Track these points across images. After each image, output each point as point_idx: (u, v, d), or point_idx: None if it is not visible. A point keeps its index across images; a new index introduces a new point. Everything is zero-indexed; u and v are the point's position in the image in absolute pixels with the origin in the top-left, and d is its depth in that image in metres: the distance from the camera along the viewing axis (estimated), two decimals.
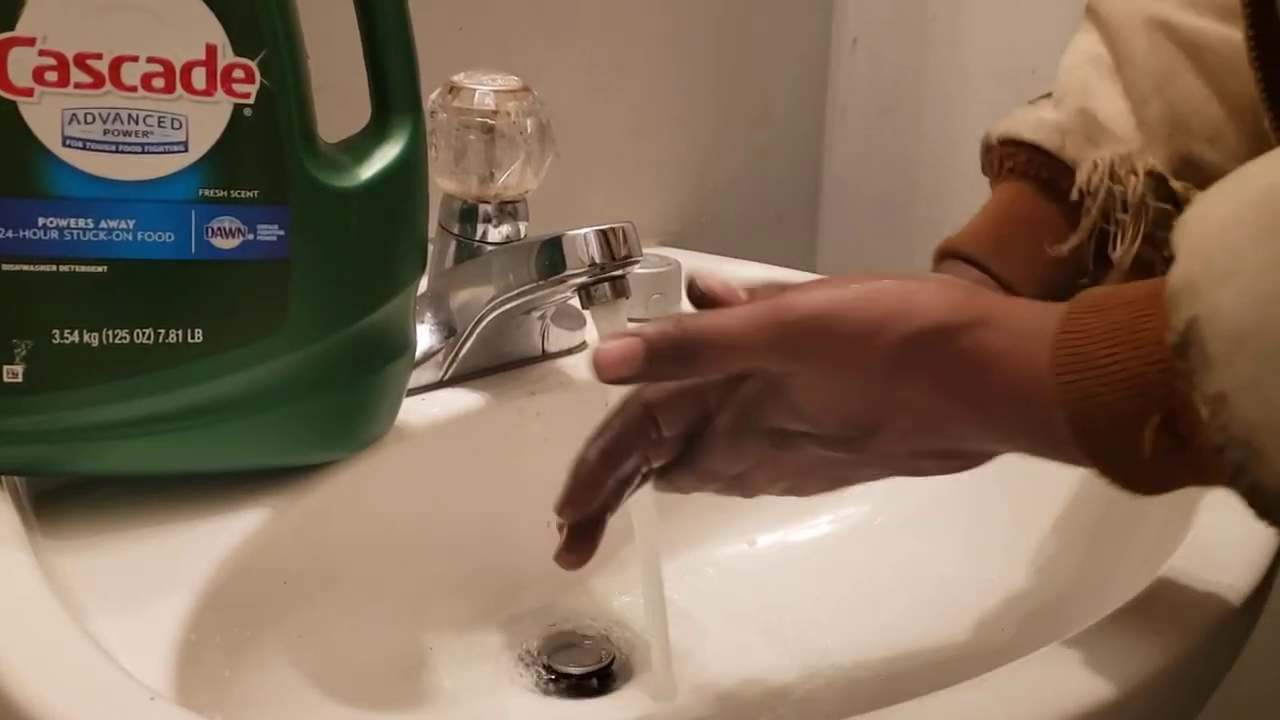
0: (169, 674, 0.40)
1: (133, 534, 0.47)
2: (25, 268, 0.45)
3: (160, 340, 0.46)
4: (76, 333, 0.46)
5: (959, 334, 0.36)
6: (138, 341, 0.46)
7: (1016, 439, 0.36)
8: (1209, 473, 0.31)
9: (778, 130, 1.00)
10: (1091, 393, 0.32)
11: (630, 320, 0.59)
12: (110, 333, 0.46)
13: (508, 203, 0.62)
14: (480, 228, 0.62)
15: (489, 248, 0.62)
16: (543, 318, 0.65)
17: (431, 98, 0.61)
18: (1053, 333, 0.34)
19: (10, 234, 0.44)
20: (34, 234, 0.44)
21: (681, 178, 0.92)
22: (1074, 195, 0.49)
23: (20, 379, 0.45)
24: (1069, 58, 0.53)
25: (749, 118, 0.96)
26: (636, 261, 0.56)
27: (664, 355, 0.40)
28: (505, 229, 0.62)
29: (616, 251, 0.55)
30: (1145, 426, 0.31)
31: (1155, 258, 0.48)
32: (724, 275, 0.45)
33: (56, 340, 0.45)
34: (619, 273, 0.56)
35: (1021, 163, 0.51)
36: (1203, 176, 0.47)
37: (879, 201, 1.02)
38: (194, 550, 0.46)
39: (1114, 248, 0.48)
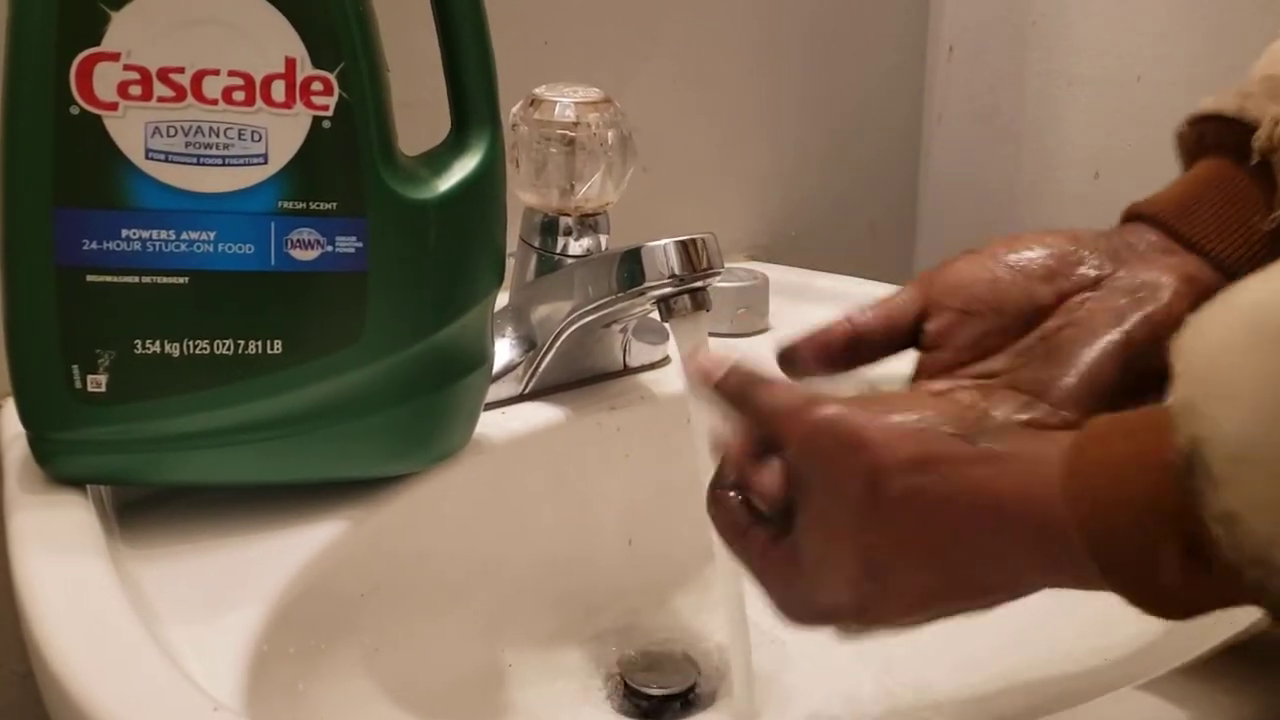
0: (240, 684, 0.40)
1: (211, 544, 0.48)
2: (109, 279, 0.45)
3: (240, 351, 0.47)
4: (158, 343, 0.46)
5: (962, 467, 0.36)
6: (218, 352, 0.47)
7: (1037, 571, 0.35)
8: (1236, 594, 0.31)
9: (872, 140, 0.98)
10: (1106, 522, 0.32)
11: (712, 335, 0.58)
12: (191, 343, 0.46)
13: (588, 215, 0.61)
14: (561, 241, 0.61)
15: (569, 261, 0.61)
16: (624, 331, 0.64)
17: (513, 111, 0.61)
18: (1061, 466, 0.33)
19: (95, 245, 0.45)
20: (117, 245, 0.45)
21: (770, 190, 0.91)
22: (1258, 151, 0.46)
23: (104, 389, 0.46)
24: (1266, 55, 0.49)
25: (842, 128, 0.95)
26: (717, 273, 0.55)
27: (725, 391, 0.42)
28: (586, 242, 0.62)
29: (697, 263, 0.55)
30: (1163, 554, 0.31)
31: None
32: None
33: (139, 351, 0.46)
34: (699, 285, 0.55)
35: (1212, 136, 0.48)
36: None
37: (977, 212, 1.00)
38: (270, 561, 0.46)
39: None
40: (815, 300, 0.78)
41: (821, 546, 0.38)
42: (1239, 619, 0.40)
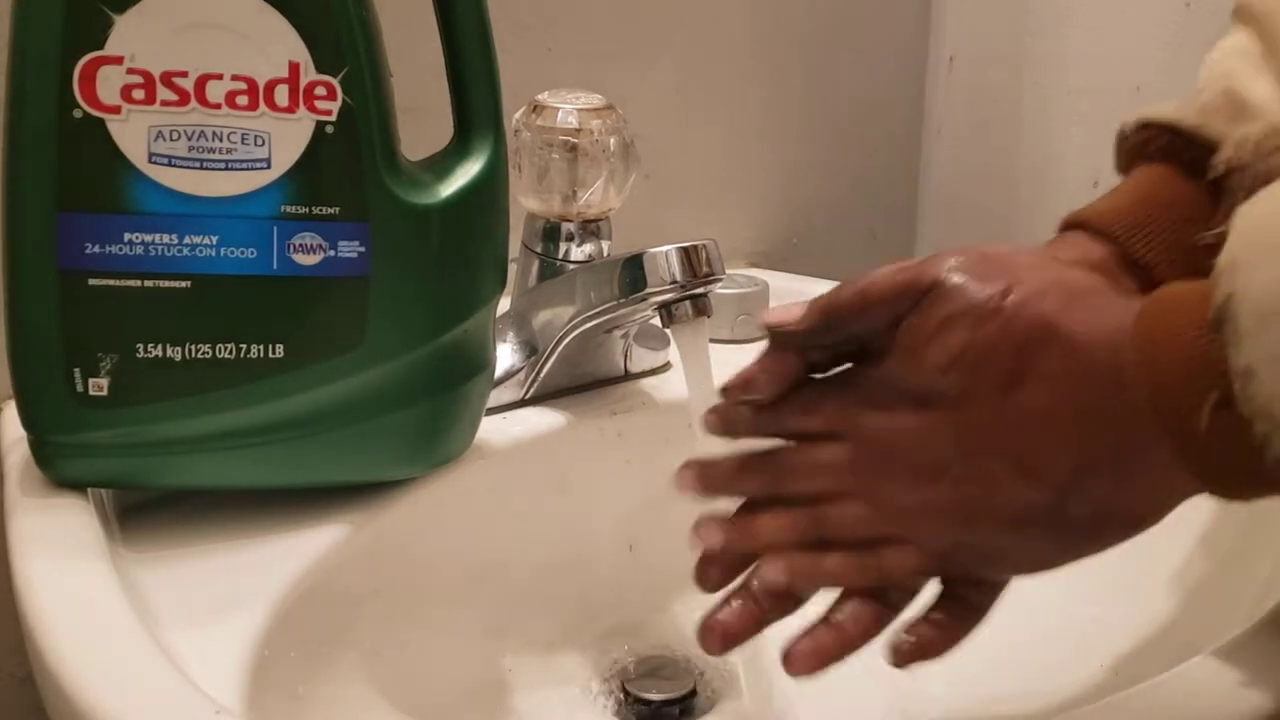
0: (241, 688, 0.40)
1: (212, 548, 0.48)
2: (111, 282, 0.45)
3: (242, 355, 0.47)
4: (160, 347, 0.46)
5: (1076, 294, 0.37)
6: (220, 356, 0.47)
7: (1115, 421, 0.35)
8: (1258, 460, 0.31)
9: (872, 148, 0.98)
10: (1161, 370, 0.33)
11: (713, 341, 0.58)
12: (193, 347, 0.46)
13: (590, 221, 0.61)
14: (563, 246, 0.62)
15: (571, 266, 0.61)
16: (625, 337, 0.64)
17: (516, 117, 0.61)
18: (1134, 314, 0.35)
19: (97, 249, 0.45)
20: (120, 249, 0.45)
21: (771, 197, 0.91)
22: (1216, 171, 0.46)
23: (105, 392, 0.46)
24: (1213, 54, 0.50)
25: (842, 136, 0.95)
26: (718, 279, 0.55)
27: (820, 316, 0.41)
28: (588, 248, 0.62)
29: (698, 269, 0.55)
30: (1204, 401, 0.32)
31: None
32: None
33: (140, 354, 0.46)
34: (701, 291, 0.55)
35: (1162, 145, 0.49)
36: None
37: (977, 221, 1.00)
38: (271, 565, 0.46)
39: None
40: None
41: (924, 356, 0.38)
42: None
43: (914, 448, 0.40)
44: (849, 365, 0.43)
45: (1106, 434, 0.36)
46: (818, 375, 0.44)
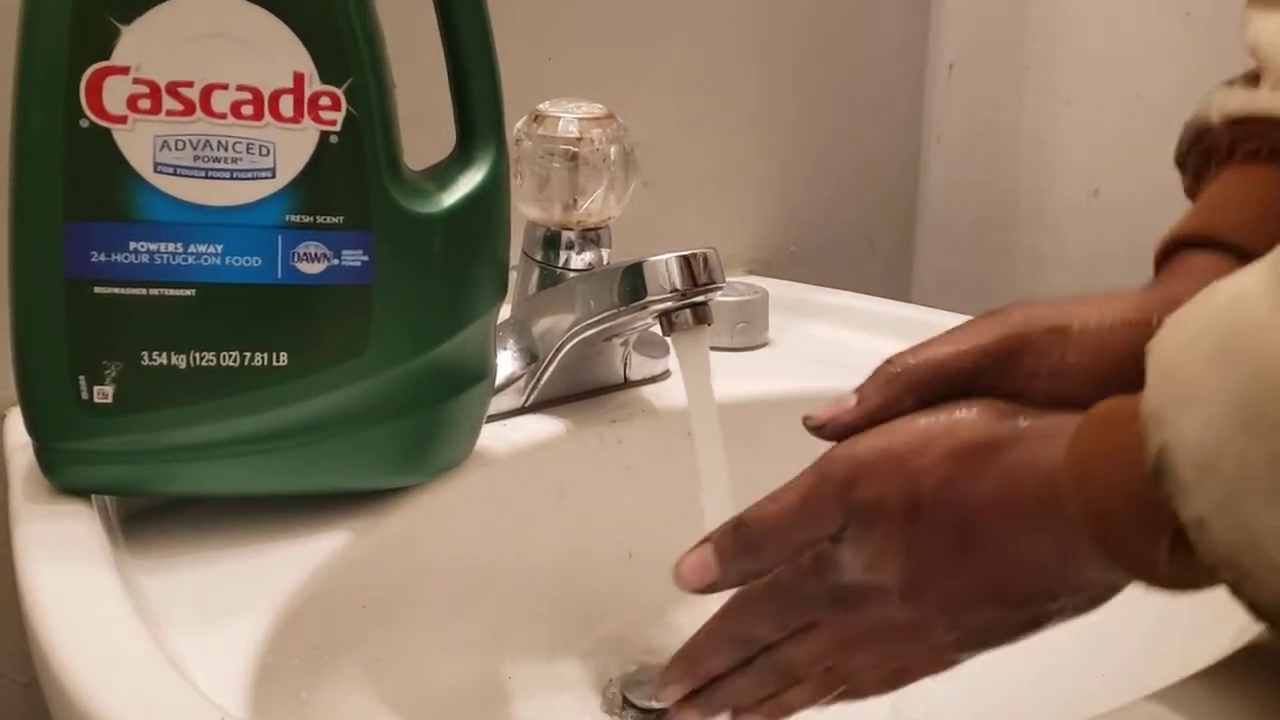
0: (244, 694, 0.40)
1: (215, 555, 0.48)
2: (116, 290, 0.46)
3: (246, 363, 0.47)
4: (165, 355, 0.46)
5: (996, 449, 0.36)
6: (224, 364, 0.47)
7: (1051, 556, 0.36)
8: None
9: (871, 157, 0.98)
10: (1107, 508, 0.33)
11: (713, 349, 0.58)
12: (198, 355, 0.47)
13: (591, 230, 0.62)
14: (563, 255, 0.62)
15: (571, 274, 0.62)
16: (625, 345, 0.64)
17: (516, 126, 0.61)
18: (1064, 446, 0.34)
19: (103, 257, 0.45)
20: (125, 258, 0.45)
21: (770, 205, 0.91)
22: None
23: (110, 400, 0.46)
24: (1267, 35, 0.46)
25: (842, 144, 0.95)
26: (719, 288, 0.56)
27: (731, 553, 0.41)
28: (588, 256, 0.62)
29: (698, 277, 0.55)
30: (1159, 542, 0.31)
31: None
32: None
33: (145, 362, 0.46)
34: (701, 299, 0.56)
35: (1247, 138, 0.45)
36: None
37: (976, 228, 1.01)
38: (274, 572, 0.47)
39: None
40: (815, 315, 0.79)
41: (867, 557, 0.38)
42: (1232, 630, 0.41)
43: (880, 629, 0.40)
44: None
45: (1056, 584, 0.36)
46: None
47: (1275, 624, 0.31)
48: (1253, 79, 0.46)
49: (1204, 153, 0.46)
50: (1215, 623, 0.48)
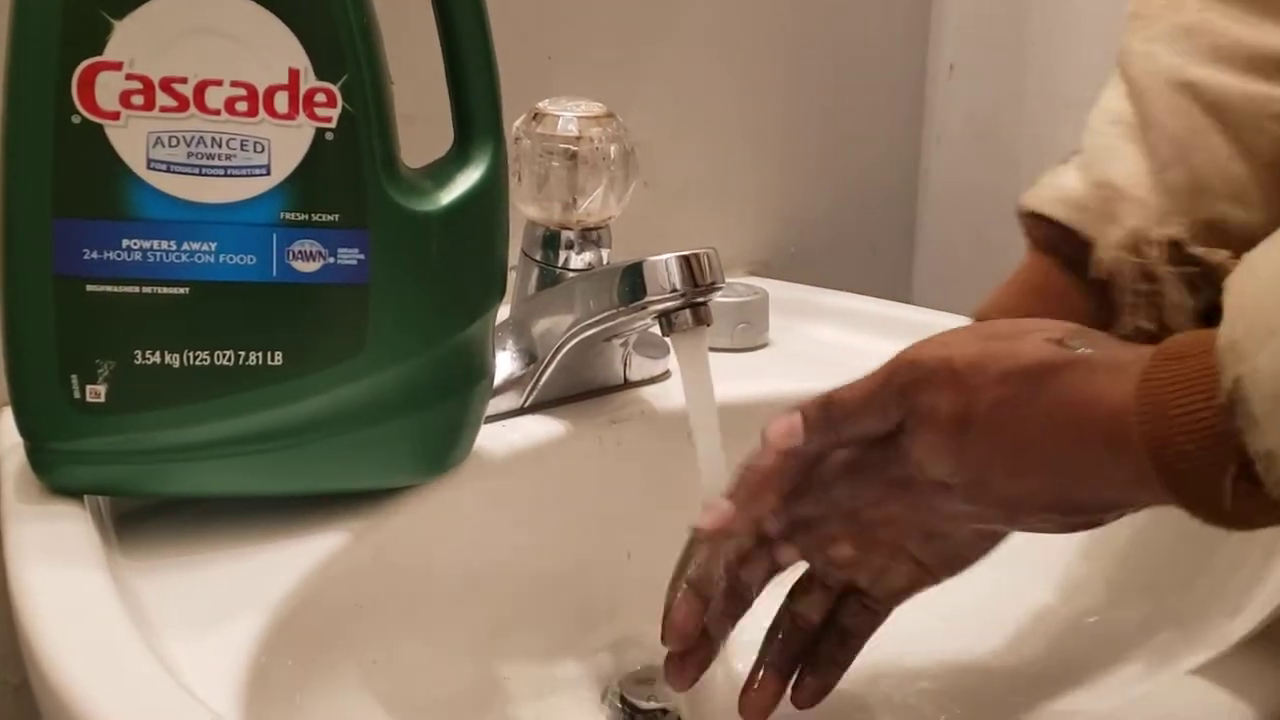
0: (238, 696, 0.40)
1: (210, 556, 0.47)
2: (109, 289, 0.45)
3: (240, 362, 0.47)
4: (158, 354, 0.46)
5: (1055, 373, 0.38)
6: (218, 363, 0.47)
7: (1112, 481, 0.37)
8: None
9: (872, 157, 0.98)
10: (1172, 441, 0.34)
11: (713, 350, 0.58)
12: (191, 354, 0.46)
13: (590, 229, 0.61)
14: (563, 254, 0.62)
15: (571, 274, 0.61)
16: (625, 345, 0.64)
17: (515, 124, 0.61)
18: (1136, 379, 0.35)
19: (95, 255, 0.45)
20: (118, 255, 0.45)
21: (770, 206, 0.91)
22: (1096, 272, 0.49)
23: (103, 399, 0.46)
24: (1096, 117, 0.52)
25: (842, 145, 0.95)
26: (719, 288, 0.55)
27: (817, 425, 0.45)
28: (587, 256, 0.62)
29: (698, 278, 0.54)
30: (1224, 475, 0.32)
31: (1176, 321, 0.48)
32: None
33: (139, 361, 0.46)
34: (701, 300, 0.55)
35: (1044, 237, 0.51)
36: (1228, 237, 0.47)
37: (977, 231, 1.00)
38: (269, 573, 0.46)
39: (1143, 317, 0.48)
40: (815, 316, 0.79)
41: (919, 457, 0.41)
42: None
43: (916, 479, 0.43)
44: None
45: (1100, 490, 0.38)
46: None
47: None
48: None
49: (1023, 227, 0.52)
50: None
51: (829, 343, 0.76)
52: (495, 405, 0.59)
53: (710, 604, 0.49)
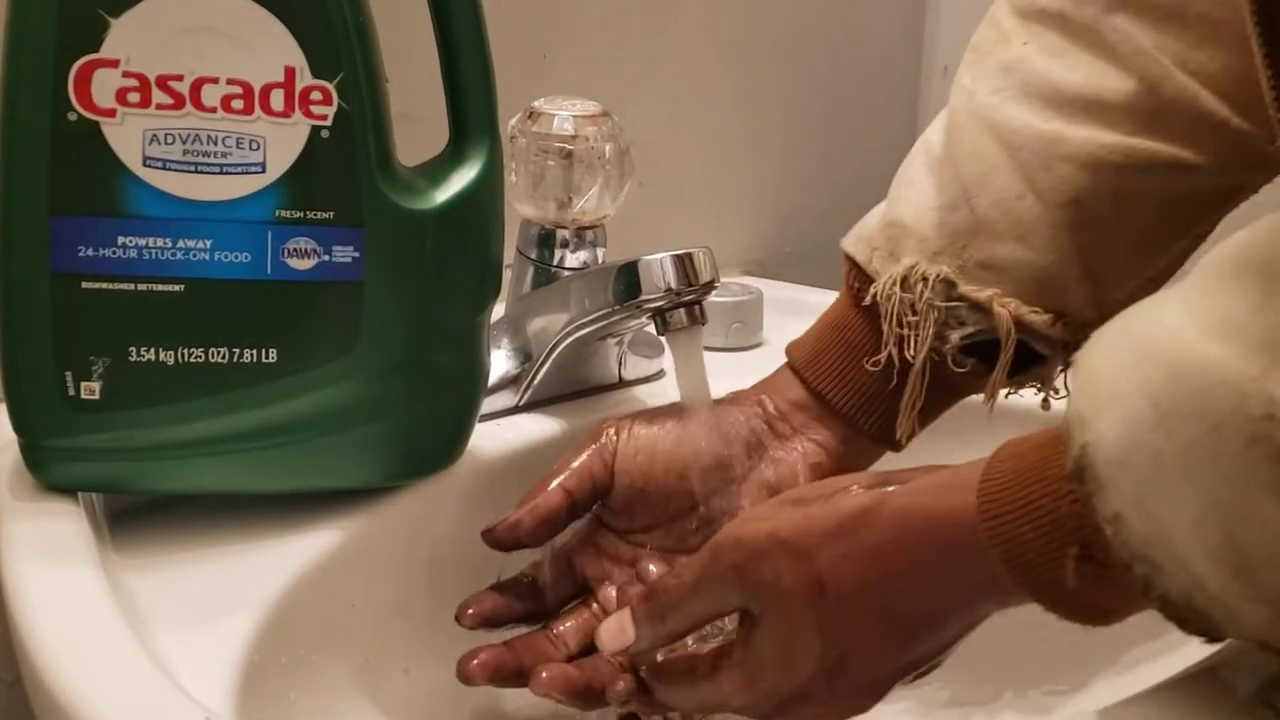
0: (231, 694, 0.40)
1: (203, 553, 0.47)
2: (104, 286, 0.45)
3: (235, 360, 0.47)
4: (153, 351, 0.46)
5: (881, 510, 0.38)
6: (213, 361, 0.47)
7: (964, 596, 0.38)
8: (1135, 596, 0.32)
9: (867, 157, 0.98)
10: (1015, 534, 0.34)
11: (707, 349, 0.58)
12: (186, 351, 0.46)
13: (585, 228, 0.61)
14: (558, 253, 0.62)
15: (566, 273, 0.61)
16: (620, 344, 0.64)
17: (511, 123, 0.61)
18: (976, 482, 0.36)
19: (91, 252, 0.45)
20: (113, 253, 0.45)
21: (765, 206, 0.91)
22: (866, 301, 0.52)
23: (97, 396, 0.46)
24: (918, 142, 0.55)
25: (837, 145, 0.95)
26: (713, 287, 0.55)
27: (644, 620, 0.44)
28: (583, 255, 0.62)
29: (693, 277, 0.54)
30: (1066, 558, 0.33)
31: (944, 355, 0.50)
32: None
33: (133, 358, 0.46)
34: (696, 299, 0.55)
35: (848, 273, 0.54)
36: (1004, 275, 0.49)
37: None
38: (263, 571, 0.46)
39: (909, 349, 0.50)
40: (809, 316, 0.78)
41: (784, 641, 0.40)
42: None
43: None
44: None
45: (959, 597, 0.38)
46: None
47: (1182, 624, 0.32)
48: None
49: None
50: None
51: None
52: (490, 404, 0.59)
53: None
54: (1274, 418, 0.27)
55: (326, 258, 0.47)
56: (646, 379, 0.66)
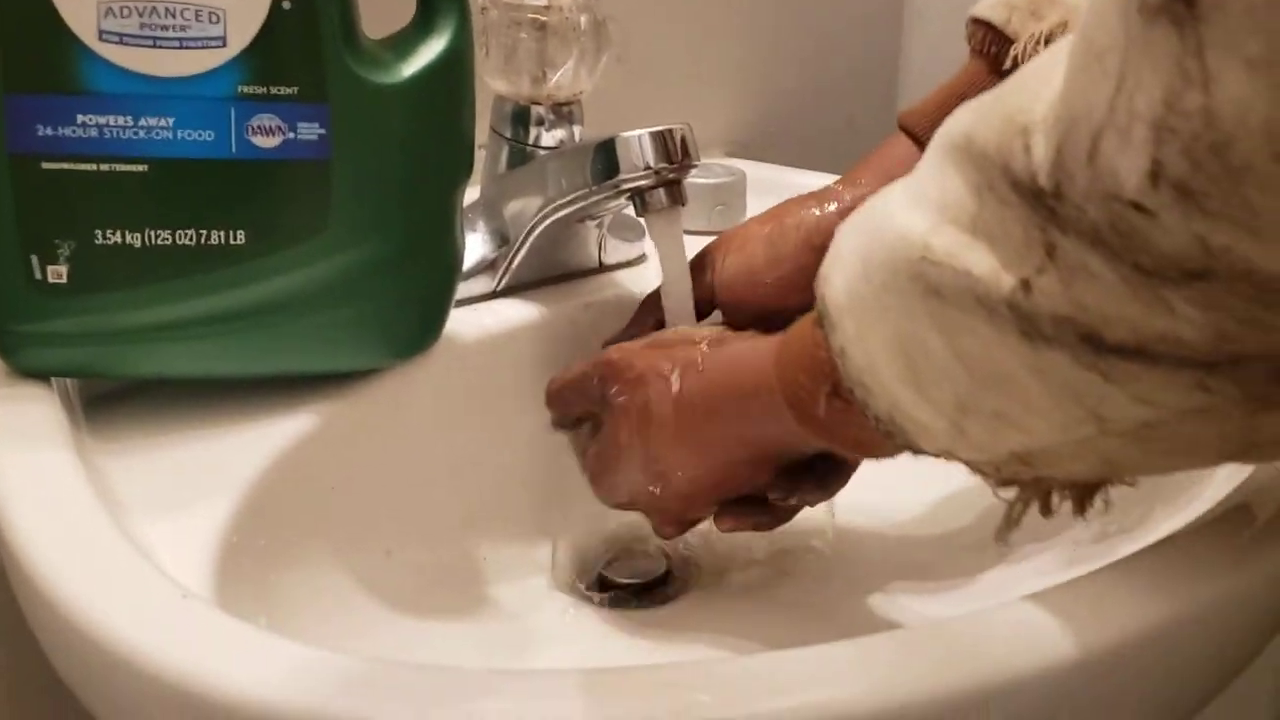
0: (209, 575, 0.40)
1: (179, 437, 0.47)
2: (66, 166, 0.44)
3: (202, 242, 0.46)
4: (119, 233, 0.45)
5: (710, 359, 0.47)
6: (180, 242, 0.46)
7: (765, 436, 0.45)
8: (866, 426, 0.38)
9: (851, 36, 0.96)
10: (793, 379, 0.41)
11: (688, 233, 0.57)
12: (153, 233, 0.45)
13: (561, 105, 0.60)
14: (533, 131, 0.60)
15: (542, 152, 0.60)
16: (600, 227, 0.63)
17: None
18: (778, 340, 0.43)
19: (49, 131, 0.44)
20: (73, 132, 0.44)
21: (748, 86, 0.89)
22: (1007, 65, 0.51)
23: (65, 280, 0.45)
24: None
25: (821, 23, 0.93)
26: (694, 166, 0.54)
27: (547, 403, 0.53)
28: (559, 133, 0.60)
29: (673, 154, 0.54)
30: (819, 393, 0.40)
31: None
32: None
33: (99, 241, 0.45)
34: (675, 178, 0.54)
35: (978, 39, 0.53)
36: None
37: None
38: (239, 454, 0.46)
39: None
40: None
41: (613, 449, 0.49)
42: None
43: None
44: None
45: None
46: None
47: (891, 439, 0.38)
48: None
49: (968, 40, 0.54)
50: None
51: None
52: (467, 289, 0.58)
53: None
54: (927, 259, 0.33)
55: (292, 135, 0.46)
56: (628, 263, 0.65)
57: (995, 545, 0.52)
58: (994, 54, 0.52)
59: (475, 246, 0.59)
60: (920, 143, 0.53)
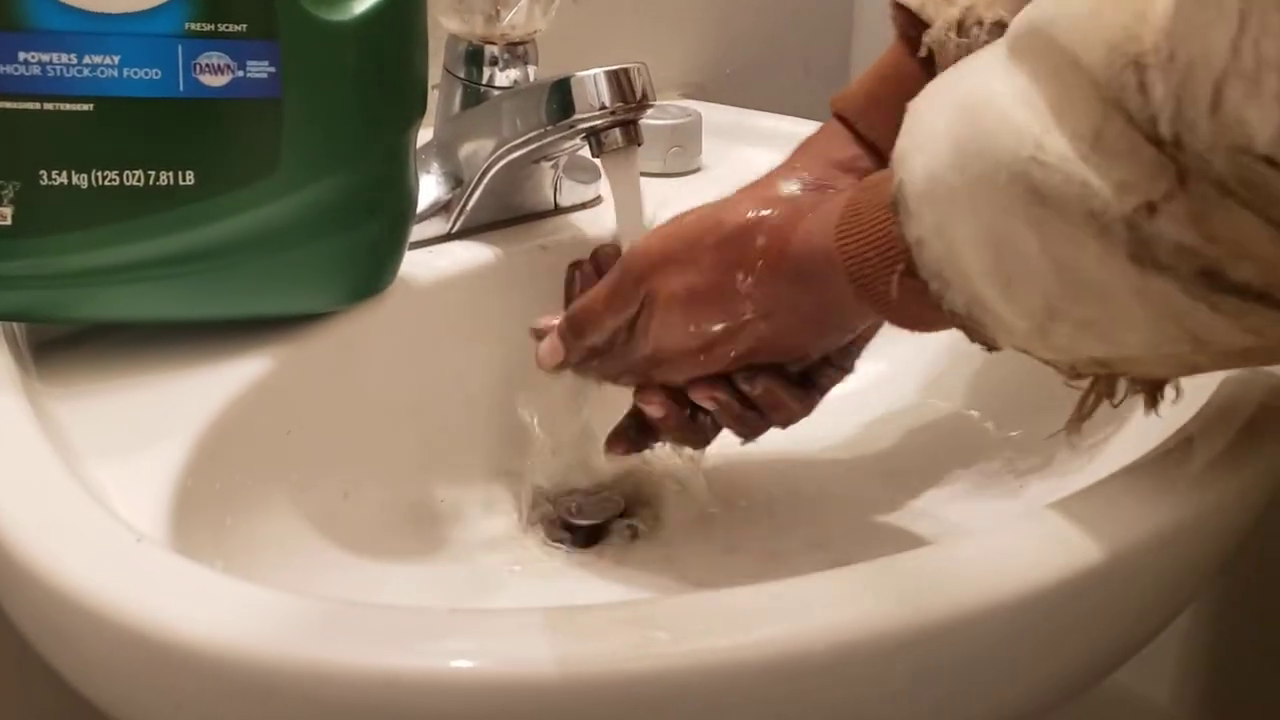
0: (164, 519, 0.40)
1: (132, 382, 0.47)
2: (8, 105, 0.43)
3: (151, 182, 0.45)
4: (65, 174, 0.44)
5: (760, 227, 0.44)
6: (128, 183, 0.45)
7: (817, 310, 0.44)
8: (940, 310, 0.37)
9: None
10: (860, 254, 0.40)
11: (644, 175, 0.57)
12: (99, 174, 0.45)
13: (516, 44, 0.59)
14: (487, 71, 0.59)
15: (496, 93, 0.59)
16: (555, 168, 0.63)
17: None
18: (839, 210, 0.41)
19: None
20: (15, 70, 0.43)
21: (704, 27, 0.88)
22: (922, 52, 0.51)
23: (9, 222, 0.44)
24: None
25: None
26: (649, 105, 0.54)
27: (571, 338, 0.51)
28: (513, 73, 0.60)
29: (628, 93, 0.53)
30: (892, 273, 0.39)
31: None
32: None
33: (45, 182, 0.44)
34: (631, 117, 0.54)
35: (900, 22, 0.53)
36: None
37: None
38: (193, 398, 0.46)
39: None
40: (748, 139, 0.77)
41: (660, 320, 0.47)
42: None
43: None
44: None
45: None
46: None
47: (969, 334, 0.37)
48: None
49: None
50: None
51: (763, 166, 0.74)
52: (422, 231, 0.58)
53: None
54: (1036, 160, 0.32)
55: (241, 73, 0.45)
56: (583, 205, 0.65)
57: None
58: (911, 37, 0.51)
59: (429, 188, 0.58)
60: (854, 130, 0.53)
